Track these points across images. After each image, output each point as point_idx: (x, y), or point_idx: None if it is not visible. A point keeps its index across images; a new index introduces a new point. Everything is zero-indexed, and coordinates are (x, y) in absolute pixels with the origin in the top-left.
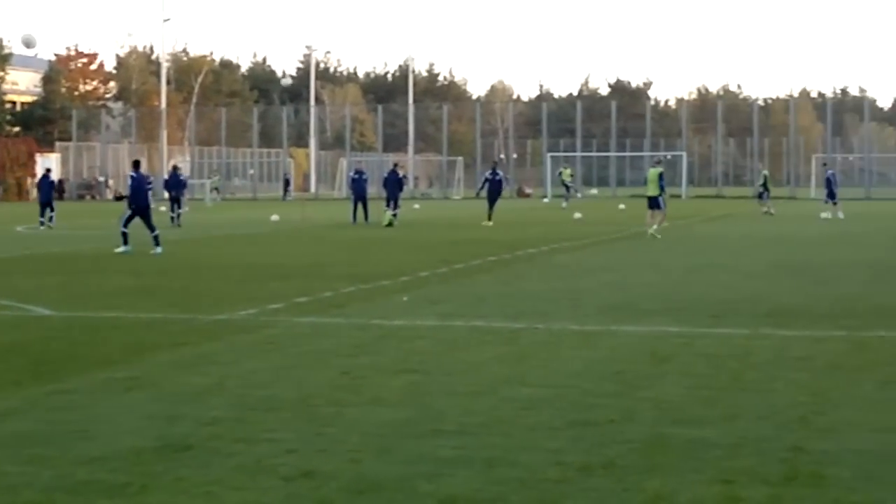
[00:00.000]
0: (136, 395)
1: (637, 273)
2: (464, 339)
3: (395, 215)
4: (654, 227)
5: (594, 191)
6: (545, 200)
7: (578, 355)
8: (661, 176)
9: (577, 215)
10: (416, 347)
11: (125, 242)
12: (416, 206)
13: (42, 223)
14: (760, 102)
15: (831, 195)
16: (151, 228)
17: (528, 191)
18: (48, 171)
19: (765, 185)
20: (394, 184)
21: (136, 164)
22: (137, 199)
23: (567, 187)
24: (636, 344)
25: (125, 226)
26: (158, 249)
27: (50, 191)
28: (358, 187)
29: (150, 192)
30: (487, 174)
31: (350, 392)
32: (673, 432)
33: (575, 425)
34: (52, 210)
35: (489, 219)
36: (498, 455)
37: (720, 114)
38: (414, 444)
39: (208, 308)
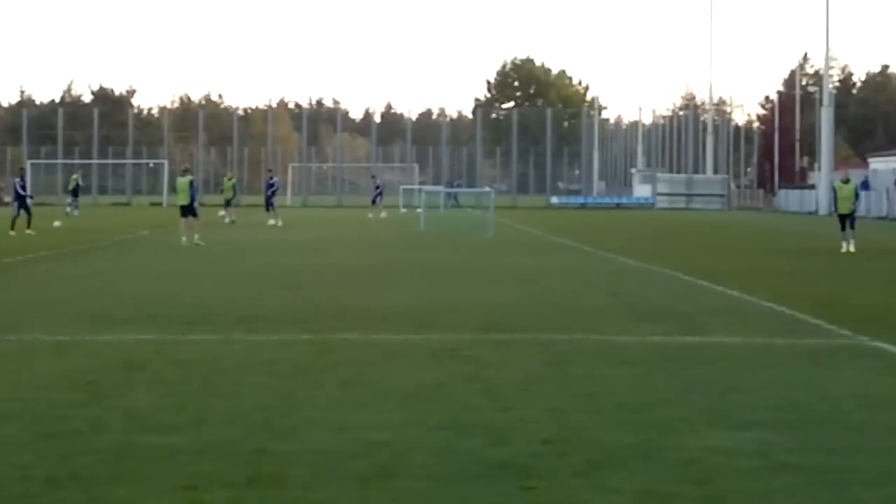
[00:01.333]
0: None
1: (116, 281)
2: None
3: None
4: (196, 236)
5: None
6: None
7: (50, 367)
8: (192, 184)
9: (57, 223)
10: None
11: None
12: None
13: None
14: (241, 112)
15: (270, 204)
16: None
17: (7, 199)
18: None
19: (234, 192)
20: None
21: None
22: None
23: (75, 194)
24: (109, 353)
25: None
26: None
27: None
28: None
29: None
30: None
31: None
32: (141, 440)
33: (42, 438)
34: None
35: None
36: None
37: (202, 122)
38: None
39: None
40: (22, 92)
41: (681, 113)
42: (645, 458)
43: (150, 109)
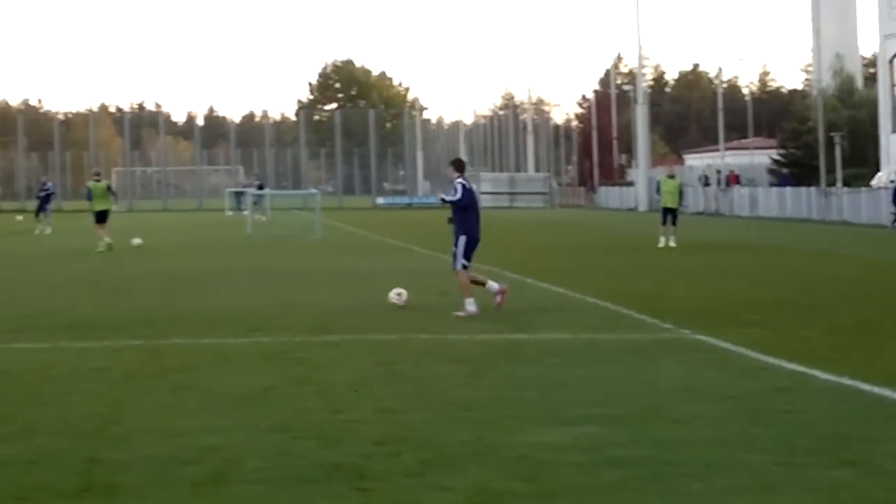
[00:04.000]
0: None
1: None
2: None
3: None
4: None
5: None
6: None
7: None
8: (109, 188)
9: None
10: None
11: None
12: None
13: None
14: (61, 117)
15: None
16: None
17: None
18: None
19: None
20: None
21: None
22: None
23: None
24: None
25: None
26: None
27: None
28: None
29: None
30: None
31: None
32: None
33: None
34: None
35: None
36: None
37: (21, 128)
38: None
39: None
40: None
41: (501, 113)
42: (477, 456)
43: None
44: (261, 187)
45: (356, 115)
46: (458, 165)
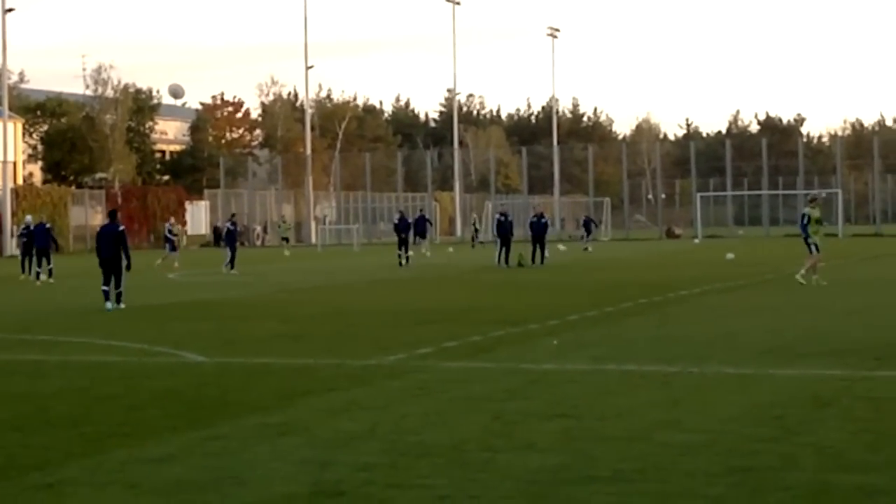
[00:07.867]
0: (289, 440)
1: (793, 315)
2: (616, 383)
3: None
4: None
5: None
6: (696, 241)
7: (735, 400)
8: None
9: (730, 256)
10: (567, 392)
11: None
12: (562, 247)
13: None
14: None
15: None
16: (118, 284)
17: (677, 231)
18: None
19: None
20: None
21: (112, 215)
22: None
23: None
24: (795, 388)
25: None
26: (120, 306)
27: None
28: (503, 229)
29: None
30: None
31: (501, 437)
32: (837, 479)
33: (734, 471)
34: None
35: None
36: (655, 502)
37: (876, 149)
38: (568, 491)
39: (357, 353)
40: (689, 124)
41: None
42: None
43: (819, 137)
44: None
45: None
46: None
